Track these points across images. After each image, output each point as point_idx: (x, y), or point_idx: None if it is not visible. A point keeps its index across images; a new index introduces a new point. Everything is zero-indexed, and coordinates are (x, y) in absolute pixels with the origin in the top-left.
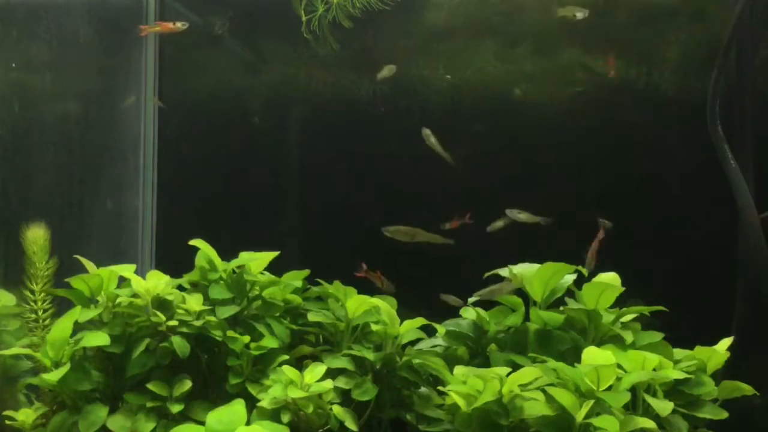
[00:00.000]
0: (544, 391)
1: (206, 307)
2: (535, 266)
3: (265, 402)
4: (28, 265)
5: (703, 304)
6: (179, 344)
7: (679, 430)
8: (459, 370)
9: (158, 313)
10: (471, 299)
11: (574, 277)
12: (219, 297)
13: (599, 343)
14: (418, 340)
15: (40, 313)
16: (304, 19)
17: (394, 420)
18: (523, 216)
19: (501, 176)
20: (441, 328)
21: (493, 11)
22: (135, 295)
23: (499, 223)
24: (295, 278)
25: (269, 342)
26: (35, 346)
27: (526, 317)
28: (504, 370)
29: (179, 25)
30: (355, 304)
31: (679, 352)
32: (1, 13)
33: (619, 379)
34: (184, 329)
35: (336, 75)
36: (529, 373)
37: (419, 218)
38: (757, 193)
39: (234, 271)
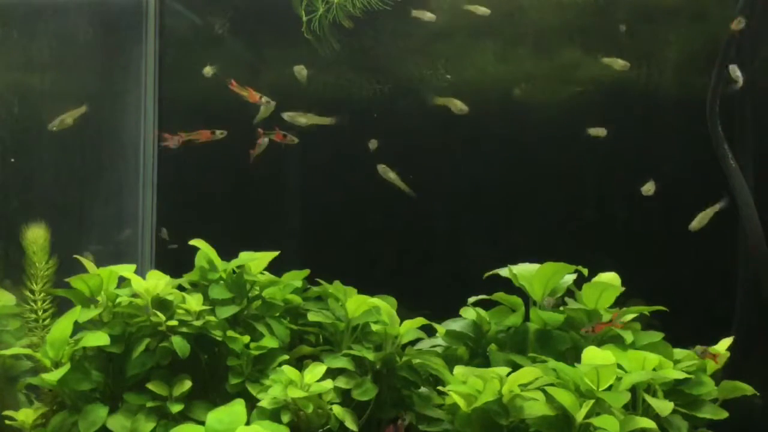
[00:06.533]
0: (544, 391)
1: (206, 307)
2: (535, 266)
3: (265, 402)
4: (28, 265)
5: (703, 304)
6: (179, 344)
7: (679, 430)
8: (459, 370)
9: (158, 313)
10: (471, 299)
11: (574, 277)
12: (219, 297)
13: (599, 343)
14: (418, 340)
15: (40, 313)
16: (304, 19)
17: (394, 420)
18: (304, 120)
19: (501, 176)
20: (441, 328)
21: (493, 11)
22: (135, 295)
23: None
24: (295, 278)
25: (269, 342)
26: (35, 346)
27: (526, 317)
28: (504, 370)
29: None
30: (355, 304)
31: (679, 352)
32: (1, 13)
33: (619, 379)
34: (184, 329)
35: (336, 75)
36: (529, 373)
37: (419, 217)
38: (757, 193)
39: (234, 271)
